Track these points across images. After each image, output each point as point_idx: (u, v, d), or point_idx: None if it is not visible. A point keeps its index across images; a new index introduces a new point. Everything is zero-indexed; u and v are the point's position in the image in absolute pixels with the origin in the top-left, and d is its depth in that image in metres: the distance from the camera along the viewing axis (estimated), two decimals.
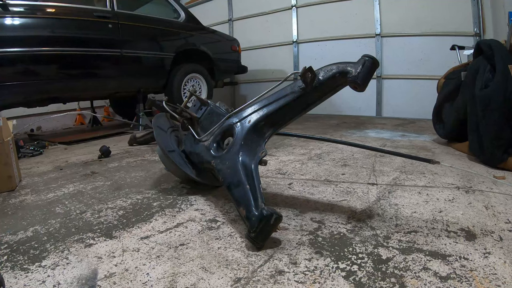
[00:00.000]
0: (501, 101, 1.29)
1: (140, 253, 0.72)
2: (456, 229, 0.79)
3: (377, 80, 3.54)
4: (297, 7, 4.06)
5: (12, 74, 2.15)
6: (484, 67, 1.44)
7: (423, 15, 3.23)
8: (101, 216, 0.94)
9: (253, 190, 0.79)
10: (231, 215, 0.92)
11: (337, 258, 0.67)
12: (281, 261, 0.66)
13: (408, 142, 1.97)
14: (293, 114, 0.96)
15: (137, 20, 2.87)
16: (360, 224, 0.83)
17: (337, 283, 0.59)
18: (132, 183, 1.28)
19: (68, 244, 0.77)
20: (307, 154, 1.68)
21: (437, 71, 2.73)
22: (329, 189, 1.12)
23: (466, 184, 1.13)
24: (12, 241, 0.80)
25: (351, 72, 0.83)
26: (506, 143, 1.28)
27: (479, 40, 2.26)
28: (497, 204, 0.94)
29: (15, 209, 1.03)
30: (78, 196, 1.14)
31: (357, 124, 2.88)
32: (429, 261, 0.64)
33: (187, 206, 1.00)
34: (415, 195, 1.03)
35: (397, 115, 3.43)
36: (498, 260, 0.64)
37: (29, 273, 0.65)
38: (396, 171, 1.31)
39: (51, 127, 3.78)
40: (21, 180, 1.40)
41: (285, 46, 4.24)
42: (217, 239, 0.77)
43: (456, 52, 2.38)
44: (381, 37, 3.49)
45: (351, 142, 1.27)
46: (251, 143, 0.91)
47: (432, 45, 3.20)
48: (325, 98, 0.94)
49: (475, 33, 2.99)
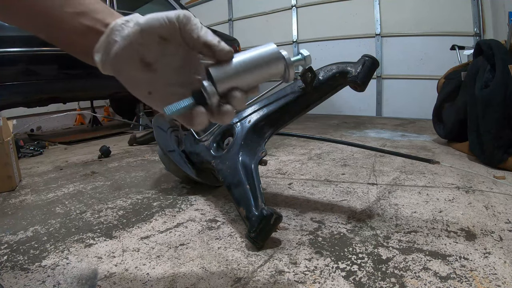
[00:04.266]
0: (501, 101, 1.29)
1: (140, 253, 0.72)
2: (456, 229, 0.79)
3: (377, 80, 3.54)
4: (297, 7, 4.06)
5: (12, 74, 2.15)
6: (484, 67, 1.44)
7: (423, 15, 3.23)
8: (101, 216, 0.94)
9: (253, 190, 0.79)
10: (231, 215, 0.92)
11: (337, 258, 0.67)
12: (281, 261, 0.66)
13: (408, 142, 1.97)
14: (293, 114, 0.96)
15: None
16: (360, 224, 0.83)
17: (337, 283, 0.59)
18: (132, 183, 1.28)
19: (68, 244, 0.77)
20: (307, 154, 1.68)
21: (437, 71, 2.73)
22: (329, 189, 1.12)
23: (466, 184, 1.13)
24: (12, 241, 0.80)
25: (351, 72, 0.83)
26: (506, 143, 1.28)
27: (479, 40, 2.25)
28: (497, 204, 0.94)
29: (15, 209, 1.03)
30: (78, 196, 1.14)
31: (357, 124, 2.88)
32: (429, 261, 0.64)
33: (187, 206, 1.00)
34: (415, 195, 1.03)
35: (397, 115, 3.43)
36: (498, 260, 0.64)
37: (29, 273, 0.65)
38: (396, 171, 1.31)
39: (51, 127, 3.78)
40: (21, 180, 1.40)
41: (285, 46, 4.23)
42: (217, 239, 0.77)
43: (456, 52, 2.38)
44: (381, 37, 3.49)
45: (351, 142, 1.28)
46: (251, 143, 0.91)
47: (432, 45, 3.20)
48: (325, 98, 0.95)
49: (475, 33, 2.99)
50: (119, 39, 0.37)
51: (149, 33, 0.37)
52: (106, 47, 0.37)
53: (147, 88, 0.40)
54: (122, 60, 0.37)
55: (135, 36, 0.37)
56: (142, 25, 0.37)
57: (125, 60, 0.38)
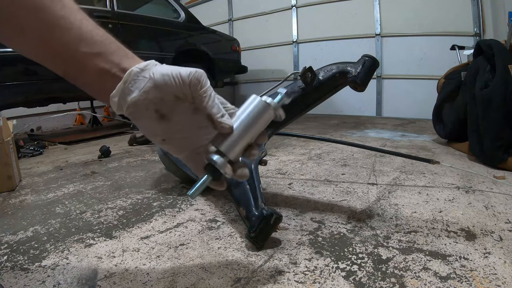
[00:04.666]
0: (501, 101, 1.29)
1: (140, 253, 0.72)
2: (456, 229, 0.79)
3: (377, 80, 3.54)
4: (297, 7, 4.06)
5: (12, 74, 2.15)
6: (484, 67, 1.44)
7: (423, 15, 3.23)
8: (101, 216, 0.94)
9: (253, 190, 0.79)
10: (231, 215, 0.92)
11: (337, 258, 0.67)
12: (281, 261, 0.66)
13: (408, 142, 1.97)
14: (293, 114, 0.96)
15: (137, 20, 2.87)
16: (360, 224, 0.83)
17: (337, 283, 0.59)
18: (132, 183, 1.28)
19: (68, 244, 0.77)
20: (307, 154, 1.68)
21: (437, 71, 2.73)
22: (329, 189, 1.12)
23: (466, 184, 1.13)
24: (12, 241, 0.80)
25: (351, 72, 0.83)
26: (506, 143, 1.28)
27: (479, 40, 2.25)
28: (497, 204, 0.94)
29: (15, 209, 1.03)
30: (78, 196, 1.14)
31: (357, 124, 2.88)
32: (429, 261, 0.64)
33: (187, 206, 1.00)
34: (415, 195, 1.03)
35: (397, 115, 3.43)
36: (498, 260, 0.64)
37: (29, 273, 0.65)
38: (396, 171, 1.31)
39: (51, 127, 3.78)
40: (21, 180, 1.40)
41: (285, 46, 4.24)
42: (217, 239, 0.77)
43: (456, 52, 2.38)
44: (381, 37, 3.49)
45: (351, 142, 1.27)
46: None
47: (432, 45, 3.20)
48: (325, 98, 0.94)
49: (475, 33, 2.99)
50: (135, 90, 0.39)
51: (166, 92, 0.39)
52: (122, 94, 0.39)
53: (162, 136, 0.42)
54: (138, 109, 0.39)
55: (151, 91, 0.39)
56: (159, 82, 0.39)
57: (141, 109, 0.39)
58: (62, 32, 0.37)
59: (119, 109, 0.40)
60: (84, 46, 0.38)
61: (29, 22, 0.36)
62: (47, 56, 0.39)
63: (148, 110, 0.40)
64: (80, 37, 0.38)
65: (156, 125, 0.41)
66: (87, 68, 0.39)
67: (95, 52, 0.39)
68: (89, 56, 0.39)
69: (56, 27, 0.37)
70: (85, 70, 0.39)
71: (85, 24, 0.39)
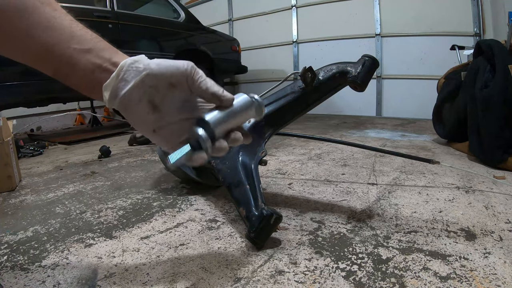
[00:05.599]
0: (501, 101, 1.29)
1: (140, 253, 0.72)
2: (456, 229, 0.79)
3: (377, 80, 3.54)
4: (297, 7, 4.06)
5: (12, 74, 2.15)
6: (484, 67, 1.44)
7: (423, 15, 3.24)
8: (101, 216, 0.94)
9: (253, 190, 0.79)
10: (231, 215, 0.92)
11: (337, 258, 0.67)
12: (281, 261, 0.66)
13: (408, 142, 1.97)
14: (293, 114, 0.96)
15: (137, 20, 2.87)
16: (360, 224, 0.83)
17: (337, 283, 0.59)
18: (132, 183, 1.28)
19: (68, 244, 0.77)
20: (307, 154, 1.68)
21: (437, 71, 2.73)
22: (329, 189, 1.12)
23: (466, 184, 1.13)
24: (12, 241, 0.80)
25: (351, 72, 0.83)
26: (506, 143, 1.28)
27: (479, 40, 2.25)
28: (497, 204, 0.94)
29: (15, 209, 1.03)
30: (78, 196, 1.14)
31: (357, 124, 2.88)
32: (429, 261, 0.64)
33: (187, 206, 1.00)
34: (415, 195, 1.03)
35: (397, 115, 3.43)
36: (498, 260, 0.64)
37: (29, 273, 0.65)
38: (396, 171, 1.31)
39: (51, 127, 3.77)
40: (21, 180, 1.40)
41: (285, 46, 4.24)
42: (217, 239, 0.77)
43: (456, 52, 2.38)
44: (381, 37, 3.50)
45: (351, 142, 1.27)
46: (251, 143, 0.91)
47: (432, 45, 3.20)
48: (325, 98, 0.95)
49: (475, 33, 2.99)
50: (131, 80, 0.40)
51: (161, 79, 0.41)
52: (115, 86, 0.40)
53: (152, 127, 0.44)
54: (131, 99, 0.40)
55: (146, 79, 0.40)
56: (155, 70, 0.40)
57: (134, 100, 0.41)
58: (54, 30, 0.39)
59: (110, 100, 0.40)
60: (76, 43, 0.40)
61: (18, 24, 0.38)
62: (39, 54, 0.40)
63: (141, 101, 0.41)
64: (71, 35, 0.40)
65: (148, 116, 0.42)
66: (79, 63, 0.40)
67: (86, 48, 0.40)
68: (81, 51, 0.40)
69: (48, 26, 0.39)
70: (77, 66, 0.40)
71: (75, 24, 0.41)
